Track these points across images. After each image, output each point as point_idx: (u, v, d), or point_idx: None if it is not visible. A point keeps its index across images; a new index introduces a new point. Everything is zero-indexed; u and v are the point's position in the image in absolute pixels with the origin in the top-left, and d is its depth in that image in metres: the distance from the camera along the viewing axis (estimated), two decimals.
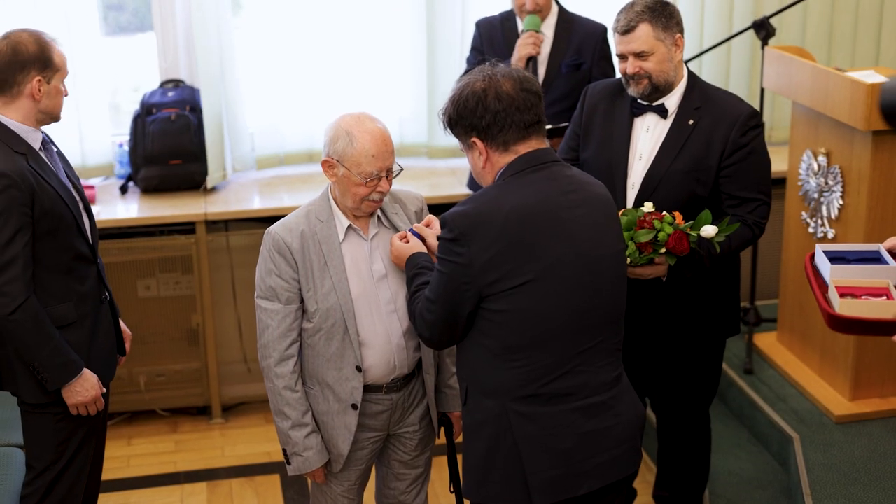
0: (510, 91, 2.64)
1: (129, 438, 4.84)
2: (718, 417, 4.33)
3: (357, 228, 3.07)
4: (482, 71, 2.71)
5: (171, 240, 4.78)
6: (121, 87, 5.46)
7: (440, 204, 4.80)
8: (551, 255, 2.61)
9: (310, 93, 5.06)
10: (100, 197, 4.86)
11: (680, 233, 3.20)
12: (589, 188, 2.73)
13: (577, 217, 2.65)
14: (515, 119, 2.64)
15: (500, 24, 4.57)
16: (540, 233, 2.61)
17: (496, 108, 2.64)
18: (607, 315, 2.71)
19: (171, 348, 4.94)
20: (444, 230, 2.66)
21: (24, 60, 3.15)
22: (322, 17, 4.98)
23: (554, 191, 2.65)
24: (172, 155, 4.84)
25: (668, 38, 3.35)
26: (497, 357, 2.66)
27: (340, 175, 2.98)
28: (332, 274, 3.02)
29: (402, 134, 5.20)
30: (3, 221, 3.07)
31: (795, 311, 4.42)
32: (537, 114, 2.68)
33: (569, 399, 2.66)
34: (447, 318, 2.69)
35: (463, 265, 2.61)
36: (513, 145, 2.67)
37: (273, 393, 3.11)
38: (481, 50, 4.57)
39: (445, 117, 2.75)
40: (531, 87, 2.68)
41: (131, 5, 5.36)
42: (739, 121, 3.36)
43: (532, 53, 4.33)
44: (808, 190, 4.19)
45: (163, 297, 4.87)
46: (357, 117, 2.98)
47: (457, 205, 2.70)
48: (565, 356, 2.65)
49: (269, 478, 4.49)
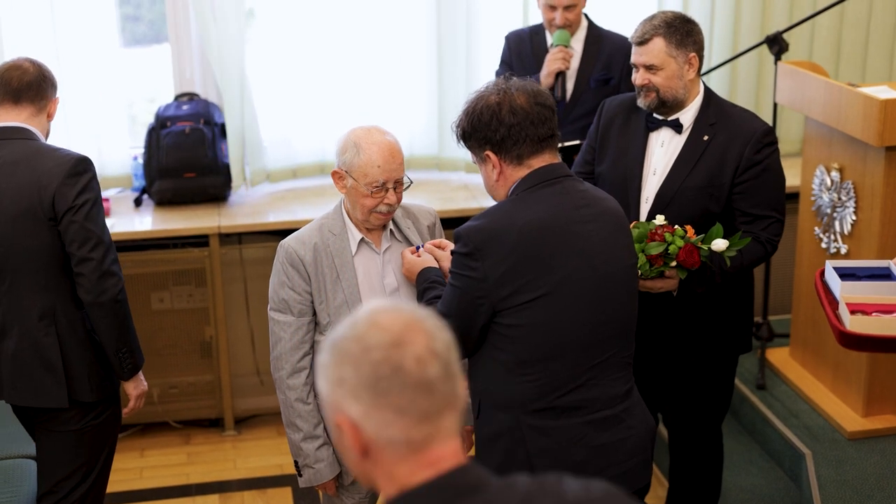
0: (524, 105, 2.65)
1: (142, 450, 4.86)
2: (731, 433, 4.32)
3: (369, 242, 3.08)
4: (496, 85, 2.72)
5: (184, 252, 4.80)
6: (137, 98, 5.49)
7: (452, 218, 4.82)
8: (565, 269, 2.62)
9: (322, 106, 5.07)
10: (114, 209, 4.88)
11: (690, 246, 3.20)
12: (601, 203, 2.74)
13: (589, 232, 2.66)
14: (530, 133, 2.65)
15: (529, 37, 4.58)
16: (553, 247, 2.62)
17: (511, 122, 2.64)
18: (619, 329, 2.72)
19: (185, 360, 4.96)
20: (458, 244, 2.67)
21: (52, 80, 3.35)
22: (333, 31, 5.01)
23: (567, 205, 2.66)
24: (187, 168, 4.87)
25: (680, 55, 3.35)
26: (510, 371, 2.66)
27: (349, 186, 3.00)
28: (344, 287, 3.03)
29: (411, 146, 5.22)
30: (99, 206, 3.22)
31: (808, 326, 4.41)
32: (551, 128, 2.69)
33: (581, 412, 2.67)
34: (460, 333, 2.67)
35: (477, 279, 2.62)
36: (527, 159, 2.68)
37: (285, 405, 3.12)
38: (510, 64, 4.58)
39: (459, 130, 2.75)
40: (545, 101, 2.69)
41: (147, 17, 5.39)
42: (754, 138, 3.36)
43: (561, 68, 4.35)
44: (821, 205, 4.19)
45: (176, 309, 4.89)
46: (367, 129, 3.01)
47: (471, 219, 2.71)
48: (578, 370, 2.66)
49: (281, 490, 4.50)
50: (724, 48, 5.22)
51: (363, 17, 5.03)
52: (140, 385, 3.39)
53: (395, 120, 5.12)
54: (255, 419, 5.07)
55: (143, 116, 5.37)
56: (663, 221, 3.25)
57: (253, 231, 4.85)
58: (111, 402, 3.38)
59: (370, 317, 1.55)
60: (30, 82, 3.28)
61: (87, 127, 4.89)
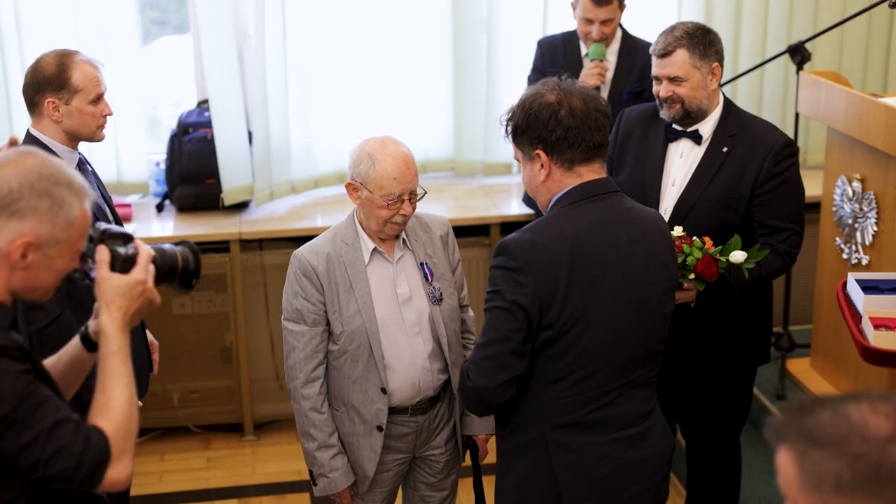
0: (582, 108, 2.56)
1: (162, 454, 4.88)
2: (750, 443, 4.30)
3: (382, 251, 3.09)
4: (553, 83, 2.61)
5: (205, 258, 4.81)
6: (161, 102, 5.53)
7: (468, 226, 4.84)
8: (609, 290, 2.55)
9: (341, 114, 5.10)
10: (136, 214, 4.92)
11: (709, 258, 3.19)
12: (646, 223, 2.66)
13: (634, 252, 2.60)
14: (586, 138, 2.55)
15: (562, 44, 4.59)
16: (600, 267, 2.54)
17: (569, 124, 2.54)
18: (651, 350, 2.68)
19: (205, 365, 4.98)
20: (501, 257, 2.54)
21: (39, 82, 3.22)
22: (351, 39, 5.03)
23: (614, 224, 2.59)
24: (208, 174, 4.90)
25: (704, 65, 3.34)
26: (542, 386, 2.60)
27: (364, 198, 3.01)
28: (357, 297, 3.04)
29: (428, 151, 5.25)
30: None
31: (829, 337, 4.38)
32: (605, 136, 2.61)
33: (608, 430, 2.63)
34: (511, 354, 2.53)
35: (526, 295, 2.50)
36: (577, 165, 2.58)
37: (299, 414, 3.13)
38: (543, 70, 4.59)
39: (511, 125, 2.62)
40: (601, 108, 2.60)
41: (174, 21, 5.43)
42: (774, 150, 3.35)
43: (598, 84, 4.36)
44: (842, 216, 4.17)
45: (197, 314, 4.91)
46: (380, 140, 3.01)
47: (515, 232, 2.62)
48: (609, 388, 2.61)
49: (299, 496, 4.51)
50: (750, 58, 5.21)
51: (381, 25, 5.06)
52: None
53: (413, 124, 5.15)
54: (275, 424, 5.09)
55: (168, 121, 5.40)
56: (682, 233, 3.24)
57: (274, 238, 4.87)
58: None
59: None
60: (24, 89, 3.25)
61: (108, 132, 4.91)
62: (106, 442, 1.99)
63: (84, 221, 2.03)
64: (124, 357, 2.05)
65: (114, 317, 2.05)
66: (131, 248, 2.10)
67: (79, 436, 1.95)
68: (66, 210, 1.98)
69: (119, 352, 2.05)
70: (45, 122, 3.24)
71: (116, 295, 2.06)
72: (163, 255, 2.17)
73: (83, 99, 3.23)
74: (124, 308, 2.07)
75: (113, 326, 2.05)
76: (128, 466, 2.02)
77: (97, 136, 3.31)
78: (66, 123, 3.25)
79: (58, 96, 3.22)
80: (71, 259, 2.04)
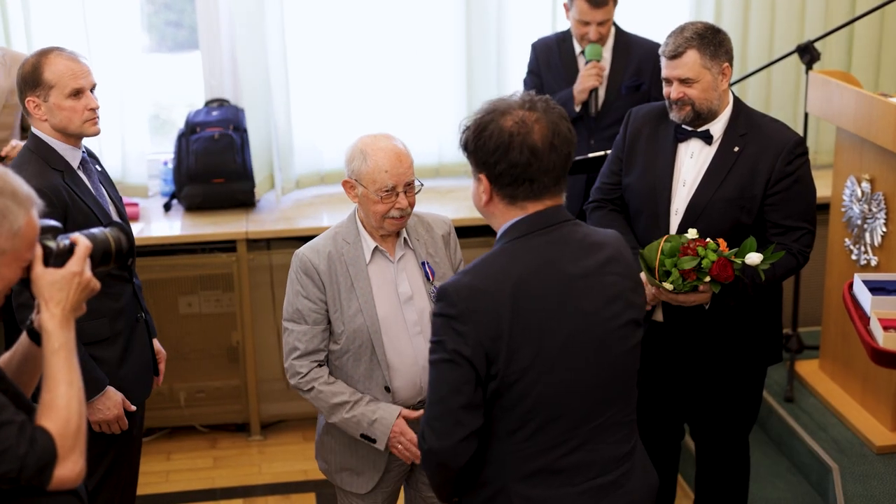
0: (539, 145, 2.31)
1: (169, 454, 4.88)
2: (758, 445, 4.28)
3: (383, 250, 3.09)
4: (523, 103, 2.35)
5: (212, 257, 4.82)
6: (175, 104, 5.53)
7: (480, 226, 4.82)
8: (560, 333, 2.33)
9: (350, 112, 5.09)
10: (144, 214, 4.92)
11: (724, 260, 3.17)
12: (602, 251, 2.41)
13: (589, 287, 2.37)
14: (534, 178, 2.32)
15: (557, 45, 4.57)
16: (548, 309, 2.33)
17: (515, 161, 2.31)
18: (619, 388, 2.44)
19: (212, 365, 4.98)
20: (441, 304, 2.33)
21: (20, 83, 3.23)
22: (361, 36, 5.03)
23: (564, 259, 2.36)
24: (215, 173, 4.89)
25: (714, 66, 3.32)
26: (500, 439, 2.38)
27: (360, 194, 3.02)
28: (358, 296, 3.04)
29: (441, 153, 5.23)
30: None
31: (838, 339, 4.36)
32: (557, 178, 2.36)
33: (577, 479, 2.40)
34: (463, 409, 2.31)
35: (467, 345, 2.29)
36: (521, 201, 2.36)
37: (316, 399, 3.10)
38: (538, 73, 4.58)
39: (462, 137, 2.41)
40: (562, 147, 2.34)
41: (188, 22, 5.43)
42: (786, 149, 3.33)
43: (596, 85, 4.35)
44: (851, 216, 4.15)
45: (204, 314, 4.91)
46: (373, 136, 3.03)
47: (456, 273, 2.47)
48: (572, 434, 2.38)
49: (305, 496, 4.51)
50: (759, 57, 5.18)
51: (391, 22, 5.04)
52: (96, 413, 3.25)
53: (425, 126, 5.14)
54: (281, 424, 5.08)
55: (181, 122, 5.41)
56: (695, 235, 3.22)
57: (280, 237, 4.87)
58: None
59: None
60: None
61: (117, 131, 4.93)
62: (51, 442, 1.98)
63: (30, 231, 2.01)
64: (66, 353, 2.05)
65: (53, 313, 2.05)
66: (63, 240, 2.09)
67: (22, 438, 1.95)
68: (11, 220, 1.97)
69: (61, 349, 2.04)
70: (38, 122, 3.23)
71: (54, 290, 2.05)
72: (93, 240, 2.16)
73: (59, 94, 3.19)
74: (63, 302, 2.06)
75: (53, 322, 2.05)
76: (76, 464, 2.01)
77: (87, 131, 3.25)
78: (51, 120, 3.22)
79: (35, 94, 3.21)
80: (18, 268, 2.03)
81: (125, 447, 3.43)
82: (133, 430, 3.44)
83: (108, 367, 3.29)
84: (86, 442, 2.06)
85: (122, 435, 3.37)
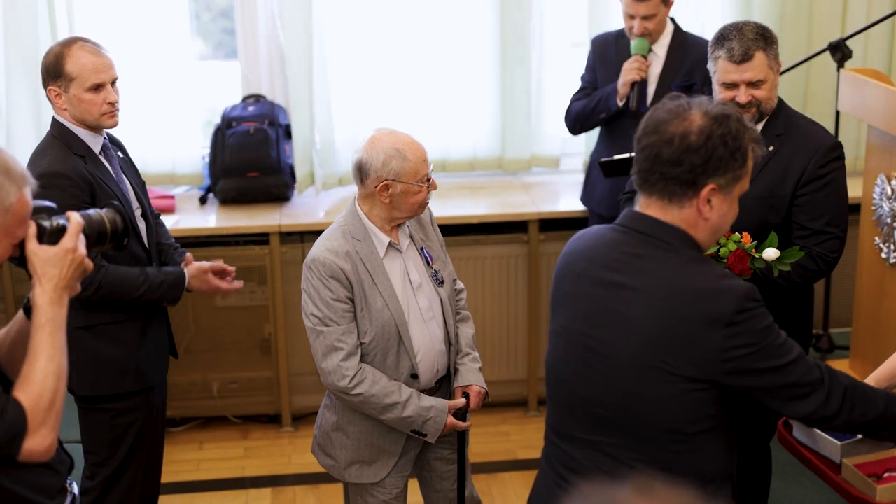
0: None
1: (201, 443, 4.96)
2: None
3: (395, 244, 3.14)
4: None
5: (246, 250, 4.89)
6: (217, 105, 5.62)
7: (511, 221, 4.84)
8: (563, 316, 2.38)
9: (388, 109, 5.13)
10: (180, 207, 5.01)
11: (742, 252, 3.15)
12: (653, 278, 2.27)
13: (622, 299, 2.27)
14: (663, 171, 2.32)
15: (615, 41, 4.58)
16: (565, 288, 2.39)
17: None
18: (615, 420, 2.29)
19: (244, 357, 5.05)
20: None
21: (43, 72, 3.29)
22: (398, 34, 5.07)
23: (606, 258, 2.32)
24: (250, 168, 4.97)
25: (775, 65, 3.31)
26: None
27: (398, 192, 3.05)
28: (381, 290, 3.09)
29: (476, 148, 5.27)
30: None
31: (868, 339, 4.32)
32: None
33: (565, 469, 2.39)
34: None
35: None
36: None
37: (365, 404, 3.11)
38: (593, 68, 4.59)
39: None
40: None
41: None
42: (820, 151, 3.31)
43: (636, 79, 4.35)
44: (881, 215, 4.10)
45: (237, 306, 4.98)
46: (389, 134, 3.07)
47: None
48: (570, 426, 2.37)
49: (333, 486, 4.55)
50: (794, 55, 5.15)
51: (429, 22, 5.08)
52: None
53: (460, 122, 5.17)
54: (313, 416, 5.10)
55: None
56: None
57: (313, 230, 4.91)
58: (110, 400, 3.42)
59: None
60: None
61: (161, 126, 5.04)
62: (21, 414, 2.02)
63: (22, 208, 2.05)
64: (52, 329, 2.08)
65: (45, 288, 2.10)
66: (59, 219, 2.14)
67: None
68: (2, 196, 2.01)
69: (47, 324, 2.08)
70: (59, 110, 3.31)
71: (48, 266, 2.10)
72: (89, 221, 2.21)
73: (79, 87, 3.25)
74: (56, 279, 2.10)
75: (43, 298, 2.10)
76: (46, 438, 2.05)
77: (104, 124, 3.32)
78: (70, 111, 3.29)
79: (57, 84, 3.27)
80: (8, 245, 2.08)
81: (146, 429, 3.50)
82: (154, 412, 3.51)
83: (126, 347, 3.36)
84: (59, 417, 2.09)
85: (143, 417, 3.45)
